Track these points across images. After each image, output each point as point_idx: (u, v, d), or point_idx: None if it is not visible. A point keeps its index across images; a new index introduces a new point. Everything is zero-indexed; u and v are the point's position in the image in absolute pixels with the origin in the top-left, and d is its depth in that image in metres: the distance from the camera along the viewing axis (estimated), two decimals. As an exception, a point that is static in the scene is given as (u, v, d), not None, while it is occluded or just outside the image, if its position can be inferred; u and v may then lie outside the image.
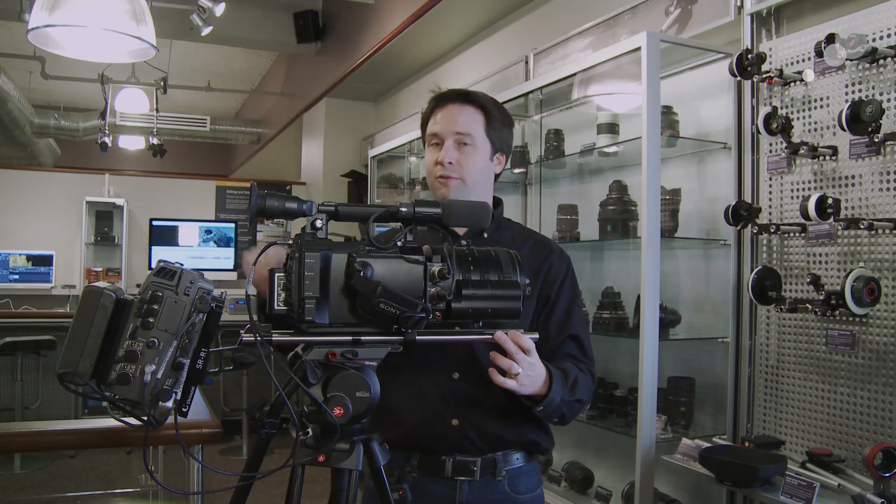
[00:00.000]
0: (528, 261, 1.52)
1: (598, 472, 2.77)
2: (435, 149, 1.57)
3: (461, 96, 1.58)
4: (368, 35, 4.83)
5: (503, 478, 1.48)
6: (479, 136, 1.55)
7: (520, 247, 1.56)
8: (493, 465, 1.47)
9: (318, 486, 1.45)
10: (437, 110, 1.58)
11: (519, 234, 1.65)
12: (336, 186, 6.44)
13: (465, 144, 1.54)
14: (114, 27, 2.73)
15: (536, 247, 1.60)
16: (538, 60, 3.58)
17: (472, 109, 1.56)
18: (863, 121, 1.87)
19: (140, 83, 6.81)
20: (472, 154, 1.54)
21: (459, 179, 1.53)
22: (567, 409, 1.43)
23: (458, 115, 1.55)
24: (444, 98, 1.59)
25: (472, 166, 1.54)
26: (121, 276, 6.08)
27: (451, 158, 1.53)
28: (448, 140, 1.54)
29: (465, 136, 1.54)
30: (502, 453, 1.48)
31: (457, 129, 1.54)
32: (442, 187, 1.54)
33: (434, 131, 1.57)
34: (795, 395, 2.18)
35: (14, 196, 6.04)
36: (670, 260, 2.63)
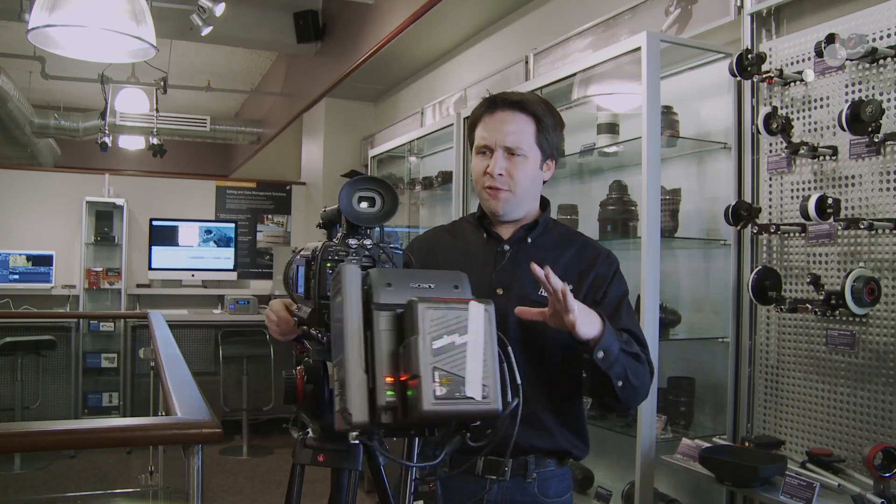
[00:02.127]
0: (574, 264, 1.52)
1: (598, 472, 2.78)
2: (483, 157, 1.53)
3: (512, 104, 1.53)
4: (368, 35, 4.83)
5: (533, 480, 1.47)
6: (529, 146, 1.51)
7: (565, 250, 1.56)
8: (524, 467, 1.47)
9: (318, 486, 1.45)
10: (487, 116, 1.54)
11: (565, 237, 1.62)
12: (336, 187, 6.37)
13: (514, 155, 1.51)
14: (114, 27, 2.73)
15: (582, 250, 1.57)
16: (538, 60, 3.58)
17: (524, 117, 1.52)
18: (863, 121, 1.87)
19: (140, 83, 6.80)
20: (523, 164, 1.51)
21: (509, 191, 1.51)
22: (630, 368, 1.36)
23: (508, 125, 1.51)
24: (494, 104, 1.54)
25: (523, 177, 1.51)
26: (121, 276, 6.08)
27: (500, 170, 1.49)
28: (498, 151, 1.50)
29: (514, 148, 1.50)
30: (534, 456, 1.48)
31: (506, 143, 1.50)
32: (491, 199, 1.52)
33: (483, 140, 1.53)
34: (795, 395, 2.18)
35: (14, 196, 6.04)
36: (670, 260, 2.63)
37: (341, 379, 0.83)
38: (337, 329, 0.88)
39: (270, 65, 7.65)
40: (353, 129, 6.60)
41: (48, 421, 4.73)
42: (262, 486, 4.81)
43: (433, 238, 1.71)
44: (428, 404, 0.79)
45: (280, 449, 5.69)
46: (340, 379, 0.83)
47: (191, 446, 1.55)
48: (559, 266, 1.51)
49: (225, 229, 6.41)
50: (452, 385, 0.79)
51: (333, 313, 0.90)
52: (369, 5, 4.79)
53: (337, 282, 0.89)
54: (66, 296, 6.06)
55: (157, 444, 3.22)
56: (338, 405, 0.85)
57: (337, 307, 0.89)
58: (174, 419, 1.63)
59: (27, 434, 1.60)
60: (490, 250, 1.56)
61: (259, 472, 5.13)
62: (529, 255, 1.53)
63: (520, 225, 1.57)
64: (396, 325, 0.86)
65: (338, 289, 0.88)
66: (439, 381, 0.79)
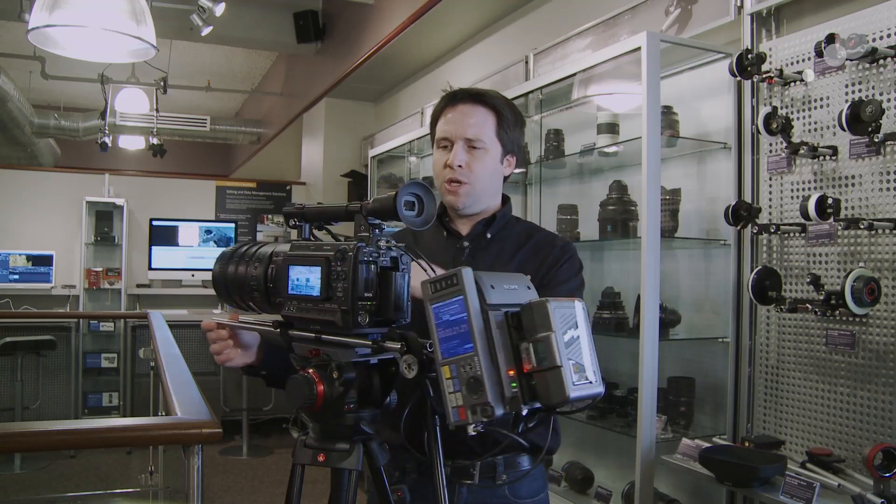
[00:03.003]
0: (531, 259, 1.51)
1: (598, 472, 2.78)
2: (444, 150, 1.53)
3: (472, 97, 1.53)
4: (368, 35, 4.83)
5: (503, 482, 1.45)
6: (489, 139, 1.51)
7: (523, 245, 1.55)
8: (492, 470, 1.44)
9: (318, 486, 1.45)
10: (448, 110, 1.54)
11: (524, 232, 1.61)
12: (336, 186, 6.44)
13: (475, 148, 1.50)
14: (114, 27, 2.73)
15: (539, 244, 1.56)
16: (538, 60, 3.58)
17: (484, 111, 1.52)
18: (863, 121, 1.87)
19: (140, 83, 6.81)
20: (483, 158, 1.51)
21: (468, 185, 1.50)
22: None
23: (469, 118, 1.51)
24: (455, 97, 1.54)
25: (483, 171, 1.51)
26: (121, 276, 6.08)
27: (460, 161, 1.49)
28: (458, 143, 1.50)
29: (475, 140, 1.50)
30: (503, 457, 1.45)
31: (466, 135, 1.50)
32: (450, 193, 1.51)
33: (444, 133, 1.52)
34: (795, 395, 2.18)
35: (14, 196, 6.04)
36: (670, 260, 2.63)
37: (472, 376, 0.91)
38: (452, 331, 0.94)
39: (270, 65, 7.65)
40: (353, 129, 6.60)
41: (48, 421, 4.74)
42: (262, 486, 4.81)
43: (397, 239, 1.67)
44: (571, 391, 0.90)
45: (280, 449, 5.69)
46: (470, 376, 0.91)
47: (191, 446, 1.55)
48: (516, 259, 1.52)
49: (225, 229, 6.42)
50: (579, 373, 0.92)
51: (439, 316, 0.95)
52: (369, 5, 4.79)
53: (450, 284, 0.95)
54: (66, 296, 6.06)
55: (157, 444, 3.22)
56: (457, 402, 0.92)
57: (449, 309, 0.95)
58: (174, 419, 1.63)
59: (27, 434, 1.60)
60: (450, 247, 1.55)
61: (259, 472, 5.13)
62: (488, 249, 1.53)
63: (478, 220, 1.56)
64: (507, 323, 0.94)
65: (453, 290, 0.95)
66: (572, 369, 0.91)
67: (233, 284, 1.23)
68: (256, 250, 1.22)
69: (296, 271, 1.13)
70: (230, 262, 1.24)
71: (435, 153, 1.56)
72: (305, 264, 1.12)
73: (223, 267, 1.25)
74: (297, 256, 1.14)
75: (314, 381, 1.10)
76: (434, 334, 0.95)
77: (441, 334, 0.95)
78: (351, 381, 1.12)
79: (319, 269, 1.10)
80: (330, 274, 1.08)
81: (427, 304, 0.96)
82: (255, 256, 1.21)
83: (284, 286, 1.13)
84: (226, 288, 1.25)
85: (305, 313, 1.12)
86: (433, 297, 0.95)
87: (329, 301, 1.08)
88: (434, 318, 0.95)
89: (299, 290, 1.12)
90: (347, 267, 1.07)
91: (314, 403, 1.10)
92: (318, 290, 1.10)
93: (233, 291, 1.23)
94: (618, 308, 2.68)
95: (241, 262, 1.22)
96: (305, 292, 1.11)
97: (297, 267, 1.13)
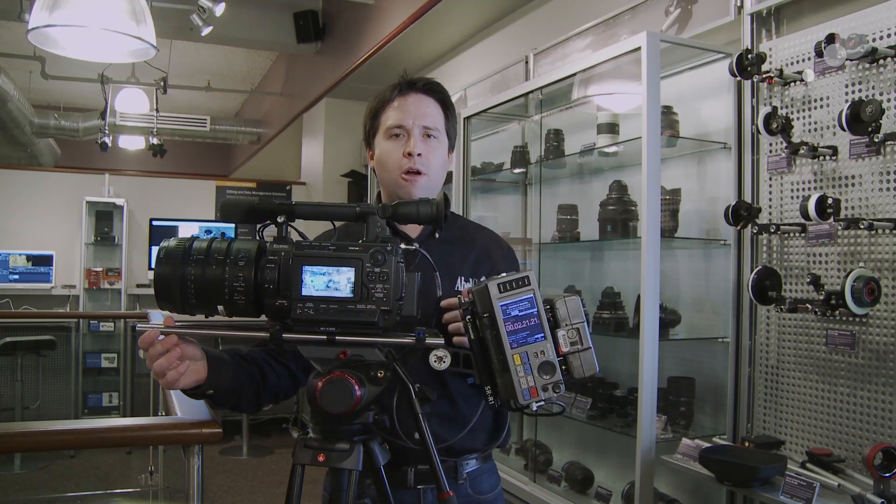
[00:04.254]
0: (484, 260, 1.51)
1: (598, 472, 2.78)
2: (396, 140, 1.47)
3: (425, 87, 1.49)
4: (368, 35, 4.83)
5: (464, 481, 1.47)
6: (442, 130, 1.49)
7: (471, 245, 1.54)
8: (454, 470, 1.46)
9: (318, 486, 1.45)
10: (398, 99, 1.48)
11: (468, 231, 1.60)
12: (336, 186, 6.44)
13: (431, 137, 1.47)
14: (114, 27, 2.72)
15: (488, 246, 1.56)
16: (538, 60, 3.58)
17: (434, 102, 1.49)
18: (863, 121, 1.87)
19: (140, 83, 6.80)
20: (438, 148, 1.48)
21: (426, 176, 1.46)
22: None
23: (424, 107, 1.47)
24: (409, 86, 1.49)
25: (438, 162, 1.48)
26: (121, 277, 6.08)
27: (420, 150, 1.44)
28: (415, 130, 1.45)
29: (431, 129, 1.46)
30: (462, 457, 1.47)
31: (425, 123, 1.46)
32: (408, 184, 1.45)
33: (397, 121, 1.46)
34: (795, 395, 2.18)
35: (14, 196, 6.04)
36: (670, 260, 2.63)
37: (544, 361, 1.12)
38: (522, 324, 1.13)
39: (270, 65, 7.65)
40: (353, 129, 6.60)
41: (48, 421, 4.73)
42: (262, 486, 4.81)
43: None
44: (597, 367, 1.16)
45: (280, 449, 5.69)
46: (542, 361, 1.12)
47: (191, 446, 1.55)
48: (469, 261, 1.50)
49: (225, 229, 6.41)
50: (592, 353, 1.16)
51: (507, 312, 1.12)
52: (369, 5, 4.79)
53: (521, 284, 1.13)
54: (66, 296, 6.06)
55: (157, 444, 3.22)
56: (529, 383, 1.11)
57: (518, 306, 1.13)
58: (174, 419, 1.63)
59: (27, 434, 1.60)
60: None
61: (259, 472, 5.13)
62: (439, 251, 1.48)
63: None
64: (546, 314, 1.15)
65: (524, 290, 1.13)
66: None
67: (200, 287, 1.11)
68: (227, 248, 1.12)
69: (313, 272, 1.09)
70: (188, 263, 1.11)
71: (383, 143, 1.49)
72: (328, 265, 1.09)
73: (176, 268, 1.11)
74: (313, 257, 1.10)
75: (353, 384, 1.10)
76: (502, 328, 1.12)
77: (510, 328, 1.12)
78: (389, 381, 1.13)
79: (353, 271, 1.09)
80: (365, 274, 1.09)
81: (495, 302, 1.12)
82: (233, 255, 1.11)
83: (296, 288, 1.09)
84: (184, 291, 1.11)
85: (327, 315, 1.09)
86: (501, 296, 1.13)
87: (365, 302, 1.08)
88: (502, 313, 1.12)
89: (319, 292, 1.09)
90: (388, 268, 1.08)
91: (354, 406, 1.10)
92: (349, 291, 1.09)
93: (198, 295, 1.11)
94: (618, 308, 2.68)
95: (211, 263, 1.11)
96: (329, 294, 1.09)
97: (316, 267, 1.09)
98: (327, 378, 1.11)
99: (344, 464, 1.14)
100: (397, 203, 1.19)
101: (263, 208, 1.17)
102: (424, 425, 1.18)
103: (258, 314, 1.13)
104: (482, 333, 1.15)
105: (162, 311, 1.19)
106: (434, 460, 1.18)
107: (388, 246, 1.10)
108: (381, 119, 1.51)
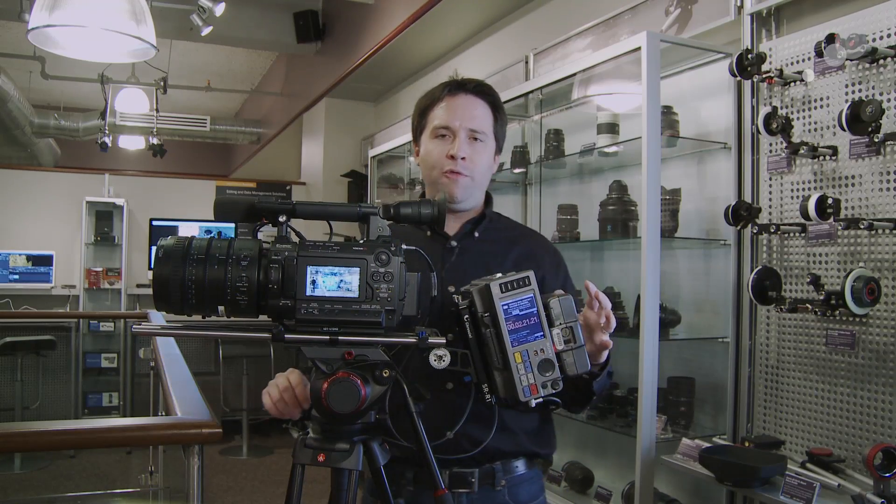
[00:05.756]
0: (526, 261, 1.48)
1: (598, 472, 2.77)
2: (441, 140, 1.48)
3: (475, 89, 1.49)
4: (368, 35, 4.83)
5: (503, 487, 1.43)
6: (490, 133, 1.49)
7: (512, 245, 1.54)
8: (491, 476, 1.43)
9: (318, 486, 1.45)
10: (448, 98, 1.49)
11: (511, 230, 1.60)
12: (336, 186, 6.44)
13: (477, 140, 1.47)
14: (114, 27, 2.72)
15: (531, 246, 1.56)
16: (538, 60, 3.58)
17: (484, 104, 1.49)
18: (863, 121, 1.87)
19: (140, 83, 6.81)
20: (483, 150, 1.48)
21: (469, 177, 1.47)
22: (606, 385, 1.42)
23: (473, 109, 1.47)
24: (459, 86, 1.49)
25: (483, 164, 1.49)
26: (121, 276, 6.08)
27: (464, 153, 1.45)
28: (461, 133, 1.46)
29: (478, 132, 1.47)
30: (500, 463, 1.44)
31: (472, 126, 1.46)
32: (451, 183, 1.47)
33: (444, 122, 1.47)
34: (795, 395, 2.18)
35: (14, 196, 6.04)
36: (670, 260, 2.63)
37: (544, 358, 1.15)
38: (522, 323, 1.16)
39: (270, 65, 7.65)
40: (353, 129, 6.60)
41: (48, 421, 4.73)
42: (262, 486, 4.81)
43: None
44: (589, 365, 1.20)
45: (280, 449, 5.69)
46: (542, 359, 1.14)
47: (191, 446, 1.55)
48: (508, 262, 1.49)
49: (225, 229, 6.41)
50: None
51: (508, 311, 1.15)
52: (369, 5, 4.79)
53: (522, 284, 1.16)
54: (66, 296, 6.06)
55: (157, 444, 3.22)
56: (530, 380, 1.14)
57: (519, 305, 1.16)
58: (174, 419, 1.63)
59: (27, 434, 1.60)
60: (436, 248, 1.48)
61: (259, 472, 5.13)
62: (477, 250, 1.51)
63: (465, 219, 1.53)
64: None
65: (524, 290, 1.16)
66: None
67: (201, 286, 1.09)
68: (228, 247, 1.11)
69: (318, 272, 1.09)
70: (188, 262, 1.09)
71: (428, 142, 1.50)
72: (334, 265, 1.09)
73: (176, 267, 1.08)
74: (318, 257, 1.09)
75: (358, 384, 1.10)
76: (503, 326, 1.14)
77: (510, 326, 1.15)
78: (394, 381, 1.14)
79: (359, 270, 1.09)
80: (370, 275, 1.09)
81: (497, 301, 1.14)
82: (235, 255, 1.10)
83: (300, 288, 1.08)
84: (184, 291, 1.09)
85: (332, 315, 1.09)
86: (503, 295, 1.15)
87: (370, 302, 1.09)
88: (503, 313, 1.15)
89: (324, 292, 1.09)
90: (393, 268, 1.09)
91: (360, 406, 1.11)
92: (355, 291, 1.09)
93: (198, 294, 1.09)
94: (618, 308, 2.67)
95: (213, 262, 1.09)
96: (336, 294, 1.09)
97: (322, 267, 1.09)
98: (333, 378, 1.11)
99: (344, 464, 1.14)
100: (398, 203, 1.20)
101: (264, 207, 1.16)
102: (419, 424, 1.18)
103: (258, 314, 1.13)
104: (482, 332, 1.16)
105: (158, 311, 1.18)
106: (429, 457, 1.18)
107: (391, 246, 1.10)
108: (429, 117, 1.51)
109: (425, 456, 1.19)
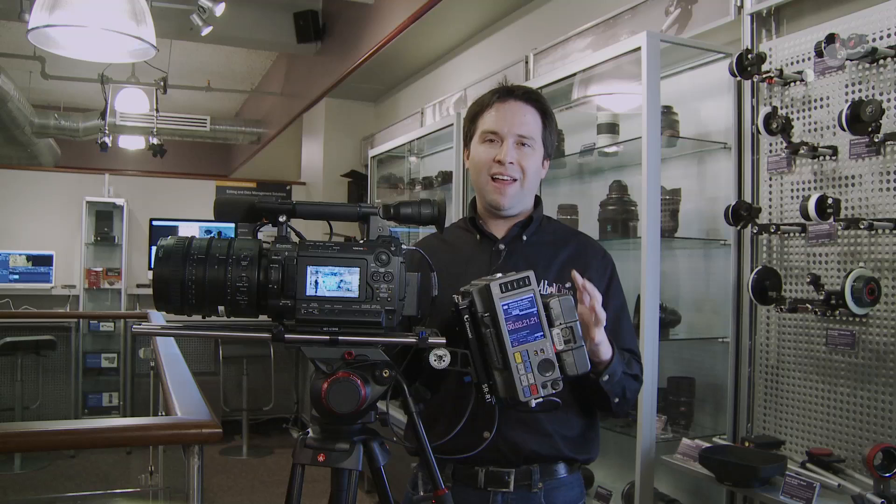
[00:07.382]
0: (571, 263, 1.48)
1: (598, 472, 2.77)
2: (490, 145, 1.49)
3: (525, 95, 1.51)
4: (368, 35, 4.83)
5: (539, 490, 1.43)
6: (538, 138, 1.50)
7: (561, 248, 1.54)
8: (527, 477, 1.43)
9: (318, 486, 1.45)
10: (497, 104, 1.51)
11: (561, 234, 1.59)
12: (336, 186, 6.44)
13: (525, 146, 1.49)
14: (114, 27, 2.72)
15: (579, 249, 1.55)
16: (538, 60, 3.58)
17: (534, 110, 1.50)
18: (863, 121, 1.87)
19: (140, 83, 6.81)
20: (531, 156, 1.49)
21: (517, 182, 1.48)
22: (627, 387, 1.41)
23: (521, 115, 1.49)
24: (508, 92, 1.52)
25: (531, 169, 1.49)
26: (121, 276, 6.08)
27: (512, 158, 1.46)
28: (509, 139, 1.47)
29: (526, 138, 1.48)
30: (539, 465, 1.44)
31: (520, 132, 1.48)
32: (496, 191, 1.49)
33: (493, 127, 1.49)
34: (795, 395, 2.18)
35: (14, 196, 6.04)
36: (670, 260, 2.63)
37: (544, 359, 1.14)
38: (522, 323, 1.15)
39: (270, 65, 7.65)
40: (353, 129, 6.60)
41: (48, 421, 4.74)
42: (262, 486, 4.81)
43: (425, 248, 1.66)
44: (589, 365, 1.19)
45: (280, 449, 5.69)
46: (542, 359, 1.14)
47: (191, 446, 1.55)
48: (556, 264, 1.50)
49: (225, 229, 6.41)
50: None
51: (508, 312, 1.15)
52: (369, 5, 4.79)
53: (521, 284, 1.15)
54: (66, 296, 6.06)
55: (157, 444, 3.22)
56: (530, 380, 1.13)
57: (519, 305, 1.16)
58: (174, 419, 1.63)
59: (27, 434, 1.60)
60: (485, 251, 1.53)
61: (259, 472, 5.13)
62: (525, 252, 1.52)
63: (514, 222, 1.54)
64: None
65: (524, 290, 1.15)
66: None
67: (202, 286, 1.08)
68: (228, 247, 1.11)
69: (319, 272, 1.09)
70: (189, 262, 1.09)
71: (476, 147, 1.53)
72: (334, 265, 1.09)
73: (177, 267, 1.08)
74: (318, 257, 1.09)
75: (358, 384, 1.10)
76: (503, 326, 1.14)
77: (510, 326, 1.14)
78: (395, 380, 1.14)
79: (359, 270, 1.09)
80: (370, 275, 1.09)
81: (497, 301, 1.13)
82: (235, 255, 1.10)
83: (301, 288, 1.08)
84: (184, 291, 1.08)
85: (332, 315, 1.09)
86: (503, 295, 1.15)
87: (370, 302, 1.09)
88: (503, 313, 1.14)
89: (325, 292, 1.09)
90: (393, 268, 1.09)
91: (360, 406, 1.11)
92: (355, 291, 1.09)
93: (199, 294, 1.09)
94: (618, 308, 2.67)
95: (213, 262, 1.09)
96: (336, 294, 1.09)
97: (322, 267, 1.09)
98: (333, 378, 1.11)
99: (344, 464, 1.14)
100: (399, 203, 1.20)
101: (264, 207, 1.16)
102: (419, 424, 1.19)
103: (258, 314, 1.13)
104: (482, 332, 1.16)
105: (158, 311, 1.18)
106: (429, 457, 1.19)
107: (391, 246, 1.10)
108: (479, 123, 1.53)
109: (426, 456, 1.19)
